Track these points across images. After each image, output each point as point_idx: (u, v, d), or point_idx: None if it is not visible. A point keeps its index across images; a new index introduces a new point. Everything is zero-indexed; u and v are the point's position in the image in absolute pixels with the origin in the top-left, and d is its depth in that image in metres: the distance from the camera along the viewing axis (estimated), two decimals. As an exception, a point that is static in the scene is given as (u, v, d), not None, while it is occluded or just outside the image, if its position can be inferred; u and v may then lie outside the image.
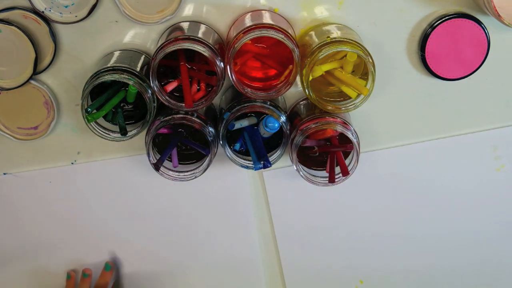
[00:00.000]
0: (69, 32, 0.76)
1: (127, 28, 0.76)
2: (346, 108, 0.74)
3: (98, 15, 0.75)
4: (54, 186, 0.86)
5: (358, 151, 0.77)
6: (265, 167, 0.76)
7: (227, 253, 0.92)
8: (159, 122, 0.75)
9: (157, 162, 0.77)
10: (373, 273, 0.94)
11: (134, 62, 0.75)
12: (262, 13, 0.75)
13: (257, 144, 0.76)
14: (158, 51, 0.70)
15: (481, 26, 0.77)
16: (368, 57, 0.71)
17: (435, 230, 0.92)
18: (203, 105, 0.73)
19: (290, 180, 0.87)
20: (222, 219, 0.90)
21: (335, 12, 0.77)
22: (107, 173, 0.86)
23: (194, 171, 0.78)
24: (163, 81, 0.76)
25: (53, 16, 0.73)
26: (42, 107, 0.79)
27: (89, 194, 0.87)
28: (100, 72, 0.72)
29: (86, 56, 0.78)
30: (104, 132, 0.76)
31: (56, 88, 0.80)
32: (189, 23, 0.76)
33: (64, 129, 0.82)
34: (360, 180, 0.83)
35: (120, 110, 0.77)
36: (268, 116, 0.75)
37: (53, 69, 0.78)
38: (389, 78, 0.80)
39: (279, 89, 0.73)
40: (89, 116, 0.73)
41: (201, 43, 0.70)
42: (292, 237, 0.91)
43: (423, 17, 0.77)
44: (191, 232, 0.91)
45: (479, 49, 0.78)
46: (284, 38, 0.69)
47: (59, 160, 0.85)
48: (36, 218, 0.88)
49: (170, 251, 0.92)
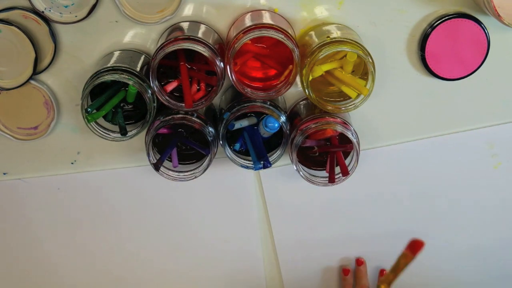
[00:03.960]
0: (69, 32, 0.76)
1: (127, 28, 0.76)
2: (346, 108, 0.74)
3: (98, 15, 0.74)
4: (62, 192, 0.85)
5: (358, 151, 0.77)
6: (265, 167, 0.76)
7: (229, 255, 0.92)
8: (159, 122, 0.75)
9: (157, 162, 0.77)
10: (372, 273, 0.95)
11: (134, 62, 0.75)
12: (262, 13, 0.75)
13: (257, 144, 0.77)
14: (158, 51, 0.69)
15: (481, 26, 0.77)
16: (368, 57, 0.71)
17: (434, 227, 0.92)
18: (203, 105, 0.73)
19: (288, 179, 0.87)
20: (225, 220, 0.90)
21: (335, 12, 0.76)
22: (108, 181, 0.86)
23: (194, 171, 0.78)
24: (163, 81, 0.76)
25: (53, 16, 0.73)
26: (42, 107, 0.79)
27: (96, 201, 0.88)
28: (100, 72, 0.72)
29: (86, 56, 0.78)
30: (104, 132, 0.76)
31: (56, 88, 0.80)
32: (189, 23, 0.75)
33: (64, 129, 0.82)
34: (358, 177, 0.83)
35: (120, 110, 0.77)
36: (268, 116, 0.75)
37: (53, 69, 0.78)
38: (389, 78, 0.80)
39: (279, 89, 0.73)
40: (89, 116, 0.73)
41: (201, 43, 0.70)
42: (290, 236, 0.91)
43: (423, 17, 0.77)
44: (194, 232, 0.91)
45: (479, 49, 0.78)
46: (284, 38, 0.69)
47: (59, 160, 0.85)
48: (41, 224, 0.88)
49: (171, 252, 0.92)
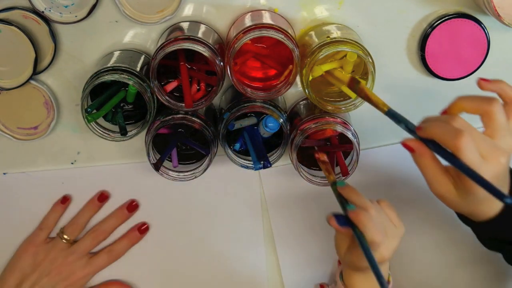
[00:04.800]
0: (69, 32, 0.75)
1: (127, 28, 0.76)
2: (346, 108, 0.74)
3: (98, 15, 0.74)
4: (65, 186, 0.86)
5: (358, 151, 0.77)
6: (265, 167, 0.76)
7: (233, 258, 0.92)
8: (159, 122, 0.74)
9: (157, 162, 0.77)
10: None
11: (134, 62, 0.74)
12: (262, 13, 0.74)
13: (257, 144, 0.76)
14: (158, 51, 0.69)
15: (481, 26, 0.76)
16: (368, 57, 0.70)
17: (434, 226, 0.91)
18: (203, 105, 0.73)
19: (287, 178, 0.86)
20: (230, 222, 0.90)
21: (335, 12, 0.76)
22: (107, 178, 0.86)
23: (194, 171, 0.78)
24: (163, 81, 0.75)
25: (53, 16, 0.73)
26: (42, 107, 0.79)
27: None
28: (100, 72, 0.72)
29: (86, 56, 0.77)
30: (104, 132, 0.76)
31: (56, 88, 0.79)
32: (189, 23, 0.75)
33: (64, 129, 0.82)
34: (358, 177, 0.82)
35: (120, 110, 0.77)
36: (268, 116, 0.75)
37: (53, 69, 0.78)
38: (389, 78, 0.80)
39: (279, 89, 0.73)
40: (89, 116, 0.73)
41: (201, 43, 0.70)
42: (291, 234, 0.91)
43: (423, 17, 0.77)
44: (197, 233, 0.91)
45: (479, 49, 0.77)
46: (284, 38, 0.69)
47: (59, 160, 0.85)
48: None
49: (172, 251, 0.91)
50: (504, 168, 0.61)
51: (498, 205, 0.65)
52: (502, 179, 0.62)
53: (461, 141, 0.58)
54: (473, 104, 0.63)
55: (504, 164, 0.61)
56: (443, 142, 0.60)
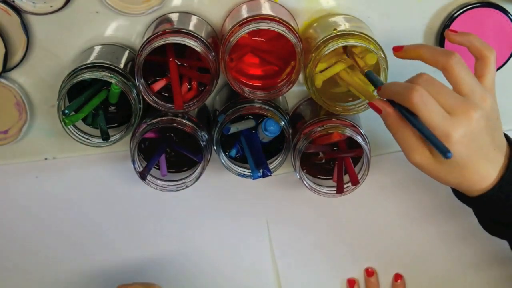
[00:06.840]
0: (44, 24, 0.74)
1: (109, 19, 0.74)
2: (356, 109, 0.72)
3: (76, 5, 0.73)
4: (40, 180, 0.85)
5: (369, 157, 0.75)
6: (265, 175, 0.74)
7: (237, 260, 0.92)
8: (145, 126, 0.73)
9: (143, 170, 0.76)
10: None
11: (117, 58, 0.73)
12: (261, 3, 0.73)
13: (256, 150, 0.75)
14: (144, 46, 0.68)
15: (507, 16, 0.75)
16: (380, 52, 0.68)
17: (454, 242, 0.91)
18: (195, 106, 0.71)
19: (289, 188, 0.86)
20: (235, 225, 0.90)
21: (342, 2, 0.75)
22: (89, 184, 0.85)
23: (184, 180, 0.77)
24: (150, 80, 0.74)
25: (25, 6, 0.71)
26: (13, 109, 0.77)
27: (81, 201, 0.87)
28: (79, 69, 0.71)
29: (63, 51, 0.76)
30: (84, 137, 0.75)
31: (28, 87, 0.78)
32: (178, 14, 0.74)
33: (37, 133, 0.81)
34: (369, 186, 0.82)
35: (102, 112, 0.76)
36: (268, 118, 0.74)
37: (26, 66, 0.76)
38: (403, 76, 0.75)
39: (280, 88, 0.71)
40: (67, 118, 0.71)
41: (192, 36, 0.68)
42: (291, 247, 0.91)
43: (442, 6, 0.75)
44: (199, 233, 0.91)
45: (506, 41, 0.76)
46: (286, 31, 0.67)
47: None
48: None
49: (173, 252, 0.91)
50: (479, 125, 0.59)
51: (490, 175, 0.62)
52: (482, 139, 0.60)
53: (413, 95, 0.58)
54: (430, 54, 0.63)
55: (476, 119, 0.58)
56: (400, 100, 0.60)
